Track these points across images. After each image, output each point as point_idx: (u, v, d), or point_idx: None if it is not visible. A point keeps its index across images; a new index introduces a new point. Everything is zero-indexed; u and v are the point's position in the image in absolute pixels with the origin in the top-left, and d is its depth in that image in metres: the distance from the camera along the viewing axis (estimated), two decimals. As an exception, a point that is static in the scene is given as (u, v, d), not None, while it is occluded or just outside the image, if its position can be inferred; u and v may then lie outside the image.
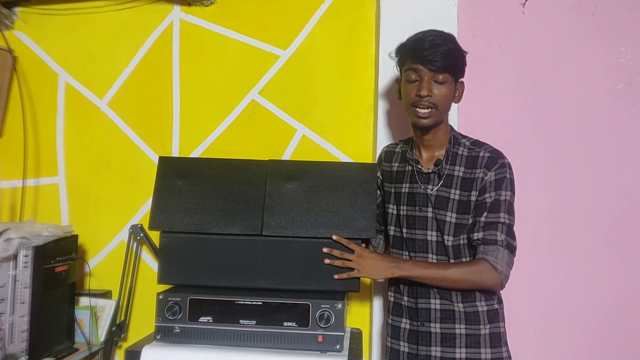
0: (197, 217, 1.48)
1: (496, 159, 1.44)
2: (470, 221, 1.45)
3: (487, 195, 1.42)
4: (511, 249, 1.41)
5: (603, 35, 1.80)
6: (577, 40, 1.82)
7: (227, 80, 2.01)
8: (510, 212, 1.42)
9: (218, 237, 1.47)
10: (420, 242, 1.48)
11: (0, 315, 1.61)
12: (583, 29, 1.82)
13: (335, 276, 1.42)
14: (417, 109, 1.42)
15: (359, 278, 1.43)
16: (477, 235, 1.41)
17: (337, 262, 1.42)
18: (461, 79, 1.49)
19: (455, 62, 1.41)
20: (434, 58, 1.38)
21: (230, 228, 1.47)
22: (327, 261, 1.42)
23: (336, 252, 1.42)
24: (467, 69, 1.48)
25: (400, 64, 1.50)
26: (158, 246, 1.51)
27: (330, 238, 1.44)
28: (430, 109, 1.41)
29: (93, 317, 1.86)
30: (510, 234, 1.41)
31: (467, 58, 1.47)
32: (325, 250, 1.43)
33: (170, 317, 1.37)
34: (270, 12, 1.99)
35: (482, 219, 1.41)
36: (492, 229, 1.40)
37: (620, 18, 1.79)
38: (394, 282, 1.57)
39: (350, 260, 1.41)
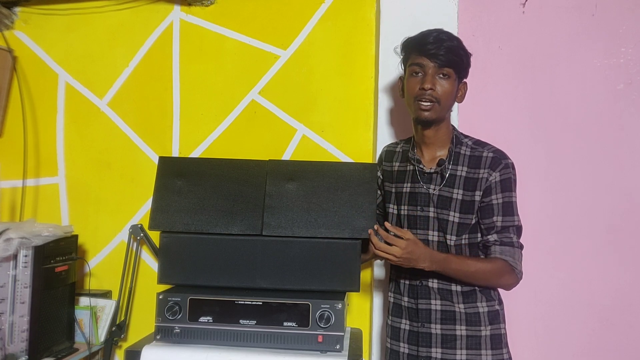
0: (197, 217, 1.48)
1: (500, 160, 1.44)
2: (474, 221, 1.45)
3: (494, 196, 1.43)
4: (522, 247, 1.45)
5: (603, 35, 1.80)
6: (577, 40, 1.82)
7: (227, 80, 2.01)
8: (518, 212, 1.46)
9: (218, 237, 1.46)
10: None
11: (0, 315, 1.61)
12: (583, 29, 1.82)
13: (375, 251, 1.35)
14: (420, 102, 1.42)
15: (359, 277, 1.43)
16: (493, 237, 1.43)
17: (382, 246, 1.34)
18: (465, 80, 1.49)
19: (460, 58, 1.42)
20: (438, 52, 1.40)
21: (230, 228, 1.46)
22: (374, 240, 1.35)
23: (383, 233, 1.36)
24: (467, 69, 1.48)
25: (405, 59, 1.50)
26: (158, 246, 1.51)
27: (330, 238, 1.44)
28: (432, 103, 1.42)
29: (93, 317, 1.86)
30: (519, 234, 1.46)
31: (467, 58, 1.47)
32: (371, 230, 1.36)
33: (170, 317, 1.37)
34: (270, 12, 1.99)
35: (499, 222, 1.43)
36: (507, 231, 1.43)
37: (620, 18, 1.79)
38: (394, 283, 1.57)
39: (394, 246, 1.33)
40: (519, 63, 1.85)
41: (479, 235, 1.47)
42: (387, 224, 1.40)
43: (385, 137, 1.83)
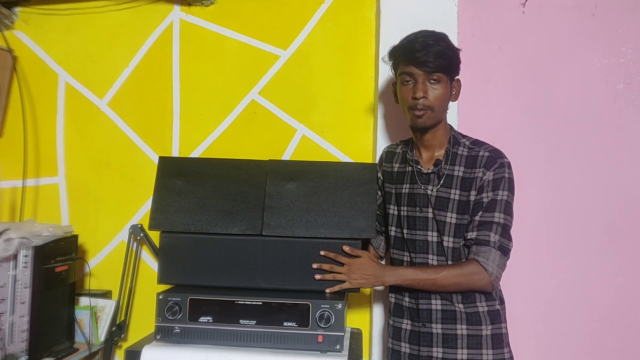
0: (197, 217, 1.48)
1: (495, 159, 1.43)
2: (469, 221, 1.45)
3: (484, 194, 1.41)
4: (504, 250, 1.39)
5: (603, 35, 1.80)
6: (577, 40, 1.82)
7: (227, 80, 2.01)
8: (507, 212, 1.41)
9: (218, 237, 1.46)
10: (420, 242, 1.48)
11: (0, 315, 1.61)
12: (583, 29, 1.82)
13: (327, 290, 1.42)
14: (414, 111, 1.42)
15: None
16: (471, 234, 1.41)
17: (328, 276, 1.42)
18: (457, 77, 1.48)
19: (449, 61, 1.41)
20: (427, 59, 1.38)
21: (230, 228, 1.46)
22: (317, 277, 1.42)
23: (326, 267, 1.43)
24: (467, 69, 1.48)
25: (395, 67, 1.49)
26: (158, 246, 1.51)
27: (330, 238, 1.44)
28: (425, 110, 1.41)
29: (93, 317, 1.86)
30: (505, 234, 1.40)
31: (467, 58, 1.46)
32: (315, 266, 1.43)
33: (170, 317, 1.37)
34: (270, 12, 1.99)
35: (477, 217, 1.41)
36: (485, 229, 1.39)
37: (620, 18, 1.79)
38: (394, 283, 1.57)
39: (341, 273, 1.42)
40: (519, 63, 1.85)
41: None
42: (344, 247, 1.43)
43: (385, 137, 1.83)
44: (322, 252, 1.43)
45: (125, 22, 2.09)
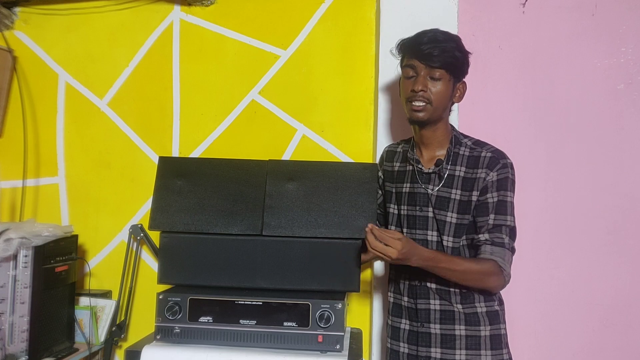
0: (197, 217, 1.48)
1: (498, 159, 1.43)
2: (470, 220, 1.45)
3: (489, 195, 1.42)
4: (513, 251, 1.42)
5: (603, 35, 1.80)
6: (577, 40, 1.82)
7: (227, 80, 2.01)
8: (513, 213, 1.43)
9: (218, 237, 1.47)
10: (420, 242, 1.48)
11: (0, 315, 1.61)
12: (583, 29, 1.82)
13: (371, 250, 1.27)
14: (412, 103, 1.42)
15: (359, 277, 1.43)
16: (484, 236, 1.41)
17: (379, 246, 1.25)
18: (463, 80, 1.49)
19: (454, 60, 1.41)
20: (431, 53, 1.38)
21: (230, 228, 1.47)
22: (368, 228, 1.26)
23: (378, 233, 1.26)
24: (466, 69, 1.48)
25: (401, 60, 1.50)
26: (158, 246, 1.51)
27: (331, 238, 1.44)
28: (424, 104, 1.41)
29: (93, 317, 1.86)
30: (513, 235, 1.42)
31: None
32: (370, 226, 1.26)
33: (170, 317, 1.37)
34: (270, 12, 1.99)
35: (490, 220, 1.41)
36: (499, 231, 1.41)
37: (620, 18, 1.79)
38: (394, 283, 1.57)
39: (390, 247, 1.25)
40: (519, 63, 1.85)
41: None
42: (369, 225, 1.28)
43: (385, 137, 1.83)
44: (369, 226, 1.27)
45: (125, 22, 2.09)
